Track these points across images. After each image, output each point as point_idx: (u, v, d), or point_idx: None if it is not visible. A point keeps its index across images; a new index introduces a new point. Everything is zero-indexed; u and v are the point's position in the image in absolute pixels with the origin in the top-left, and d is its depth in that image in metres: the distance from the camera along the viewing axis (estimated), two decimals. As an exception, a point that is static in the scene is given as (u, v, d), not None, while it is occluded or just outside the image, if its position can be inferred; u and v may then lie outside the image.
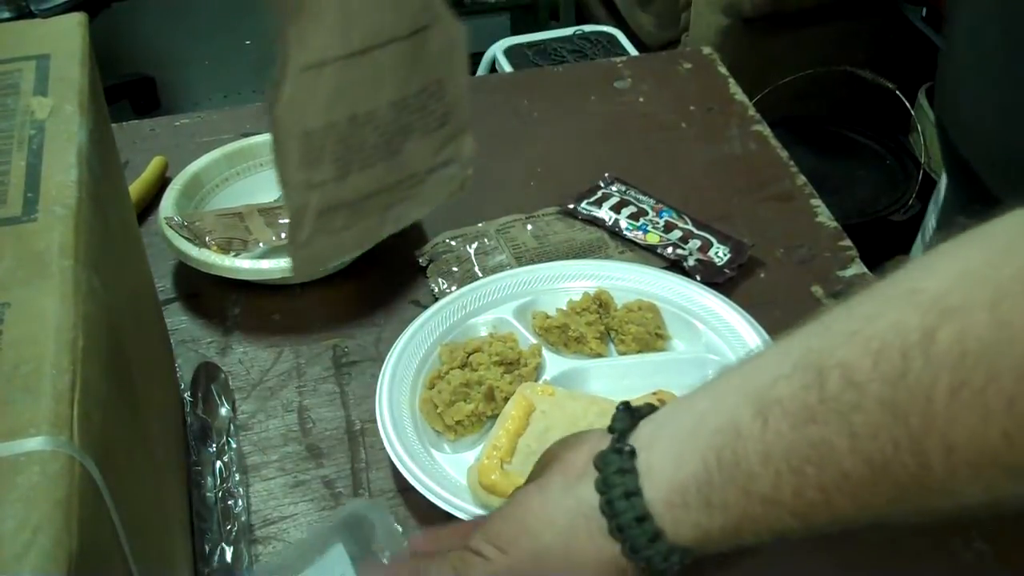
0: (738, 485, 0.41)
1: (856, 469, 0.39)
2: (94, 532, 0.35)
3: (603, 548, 0.44)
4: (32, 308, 0.40)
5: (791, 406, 0.40)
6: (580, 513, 0.45)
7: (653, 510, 0.43)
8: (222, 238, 0.85)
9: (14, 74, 0.54)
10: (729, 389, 0.43)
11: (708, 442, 0.42)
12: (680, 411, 0.45)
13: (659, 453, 0.44)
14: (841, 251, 0.89)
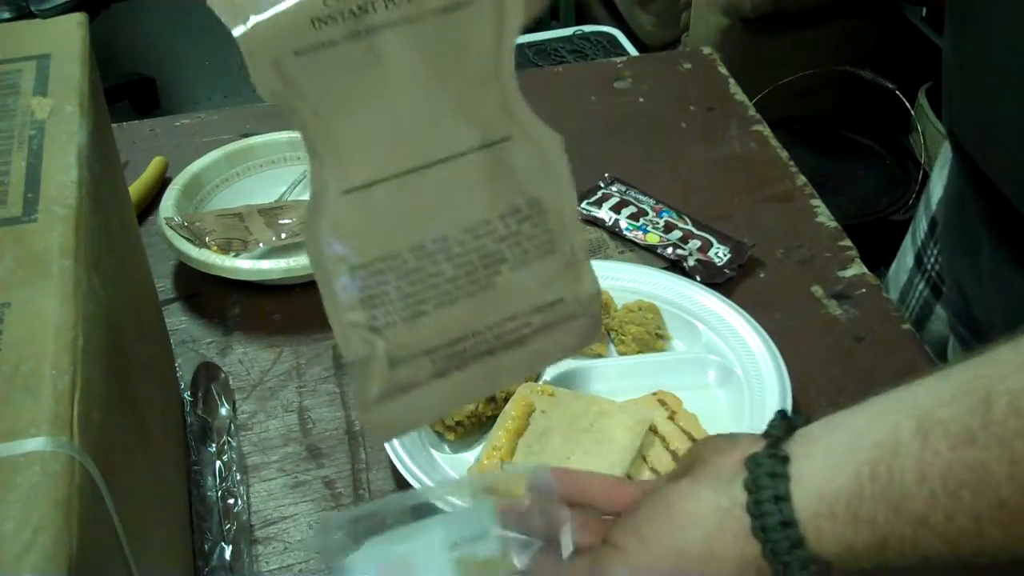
0: (889, 502, 0.41)
1: (1012, 497, 0.38)
2: (94, 532, 0.35)
3: (745, 549, 0.44)
4: (32, 308, 0.40)
5: (953, 427, 0.40)
6: (728, 512, 0.45)
7: (799, 517, 0.43)
8: (222, 238, 0.85)
9: (14, 74, 0.54)
10: (889, 408, 0.43)
11: (864, 456, 0.42)
12: (836, 425, 0.45)
13: (812, 463, 0.44)
14: (841, 251, 0.89)
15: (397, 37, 0.43)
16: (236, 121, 1.07)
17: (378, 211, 0.47)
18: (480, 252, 0.49)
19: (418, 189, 0.47)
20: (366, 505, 0.58)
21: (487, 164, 0.48)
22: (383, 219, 0.48)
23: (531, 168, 0.49)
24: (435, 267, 0.48)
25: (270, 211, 0.90)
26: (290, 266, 0.82)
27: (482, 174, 0.48)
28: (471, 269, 0.49)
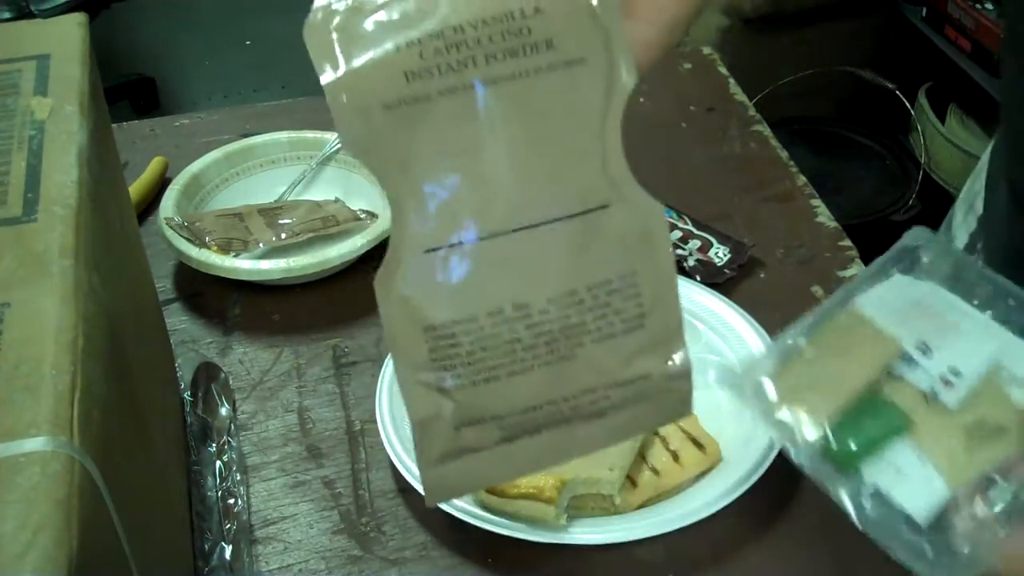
0: None
1: None
2: (94, 532, 0.35)
3: None
4: (32, 308, 0.40)
5: None
6: None
7: None
8: (222, 238, 0.85)
9: (14, 74, 0.54)
10: None
11: None
12: None
13: None
14: (841, 251, 0.89)
15: (498, 94, 0.41)
16: (236, 121, 1.07)
17: (458, 273, 0.44)
18: (563, 323, 0.46)
19: (504, 254, 0.44)
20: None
21: (581, 232, 0.45)
22: (463, 281, 0.44)
23: (628, 238, 0.46)
24: (512, 334, 0.45)
25: (270, 211, 0.90)
26: (290, 266, 0.82)
27: (575, 242, 0.45)
28: (551, 339, 0.46)
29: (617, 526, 0.64)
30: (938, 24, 1.93)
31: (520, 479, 0.64)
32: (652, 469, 0.67)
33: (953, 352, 0.52)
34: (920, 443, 0.49)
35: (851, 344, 0.53)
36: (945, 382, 0.51)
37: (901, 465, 0.49)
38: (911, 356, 0.52)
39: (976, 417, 0.50)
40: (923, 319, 0.53)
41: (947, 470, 0.48)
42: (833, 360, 0.53)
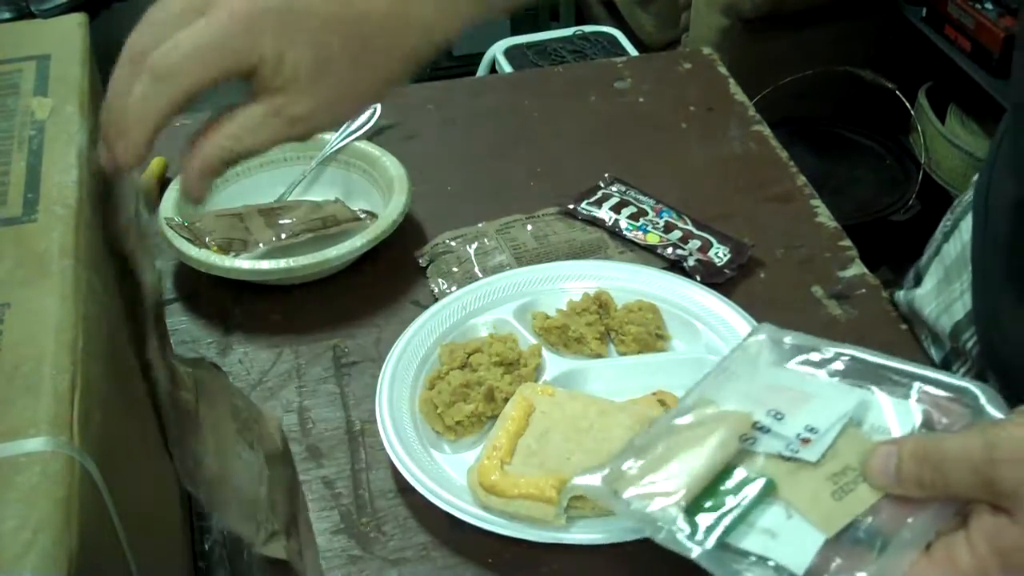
0: None
1: None
2: (94, 532, 0.35)
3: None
4: (32, 308, 0.40)
5: None
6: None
7: None
8: (222, 238, 0.85)
9: (14, 74, 0.54)
10: None
11: None
12: None
13: None
14: (841, 251, 0.89)
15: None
16: (236, 121, 1.06)
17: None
18: None
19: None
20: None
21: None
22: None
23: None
24: None
25: (270, 211, 0.90)
26: (290, 266, 0.82)
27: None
28: None
29: (617, 526, 0.64)
30: (938, 24, 1.93)
31: (520, 479, 0.64)
32: (652, 469, 0.67)
33: (807, 414, 0.53)
34: (787, 502, 0.50)
35: (702, 431, 0.54)
36: (803, 440, 0.52)
37: (770, 526, 0.50)
38: (764, 425, 0.52)
39: (840, 466, 0.50)
40: (775, 395, 0.54)
41: (818, 520, 0.49)
42: (688, 448, 0.53)
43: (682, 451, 0.53)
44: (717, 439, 0.52)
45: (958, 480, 0.45)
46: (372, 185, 0.94)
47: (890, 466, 0.48)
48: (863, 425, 0.52)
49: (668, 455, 0.54)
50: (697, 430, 0.54)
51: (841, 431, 0.51)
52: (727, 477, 0.51)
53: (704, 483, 0.51)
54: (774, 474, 0.51)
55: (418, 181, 0.92)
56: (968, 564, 0.44)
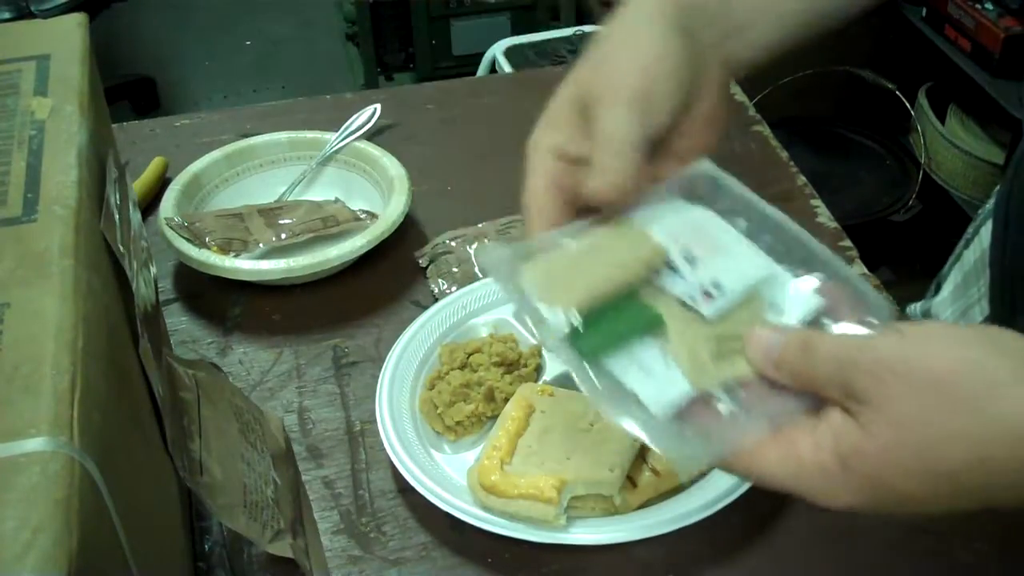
0: None
1: None
2: (94, 532, 0.35)
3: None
4: (32, 308, 0.40)
5: None
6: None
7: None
8: (222, 238, 0.85)
9: (14, 74, 0.54)
10: None
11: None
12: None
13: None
14: (841, 251, 0.89)
15: None
16: (236, 121, 1.07)
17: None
18: None
19: None
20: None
21: None
22: None
23: None
24: None
25: (270, 211, 0.90)
26: (290, 266, 0.82)
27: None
28: None
29: (617, 526, 0.64)
30: (938, 24, 1.93)
31: (520, 479, 0.64)
32: (652, 469, 0.67)
33: (718, 268, 0.52)
34: (669, 345, 0.50)
35: (617, 246, 0.53)
36: (705, 293, 0.51)
37: (646, 362, 0.49)
38: (676, 265, 0.52)
39: (730, 330, 0.50)
40: (695, 237, 0.53)
41: (690, 373, 0.49)
42: (596, 257, 0.52)
43: (592, 259, 0.53)
44: (629, 261, 0.52)
45: (823, 376, 0.45)
46: (372, 185, 0.94)
47: (773, 351, 0.48)
48: (764, 299, 0.52)
49: (579, 259, 0.53)
50: (615, 243, 0.53)
51: (743, 297, 0.52)
52: (626, 301, 0.51)
53: (601, 298, 0.51)
54: (668, 316, 0.51)
55: (418, 181, 0.92)
56: (808, 456, 0.45)
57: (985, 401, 0.41)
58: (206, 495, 0.52)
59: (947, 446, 0.42)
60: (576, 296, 0.50)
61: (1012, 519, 0.67)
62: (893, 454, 0.43)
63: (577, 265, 0.52)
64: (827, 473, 0.45)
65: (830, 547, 0.66)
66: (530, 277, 0.52)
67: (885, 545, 0.66)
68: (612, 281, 0.51)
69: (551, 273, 0.52)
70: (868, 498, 0.45)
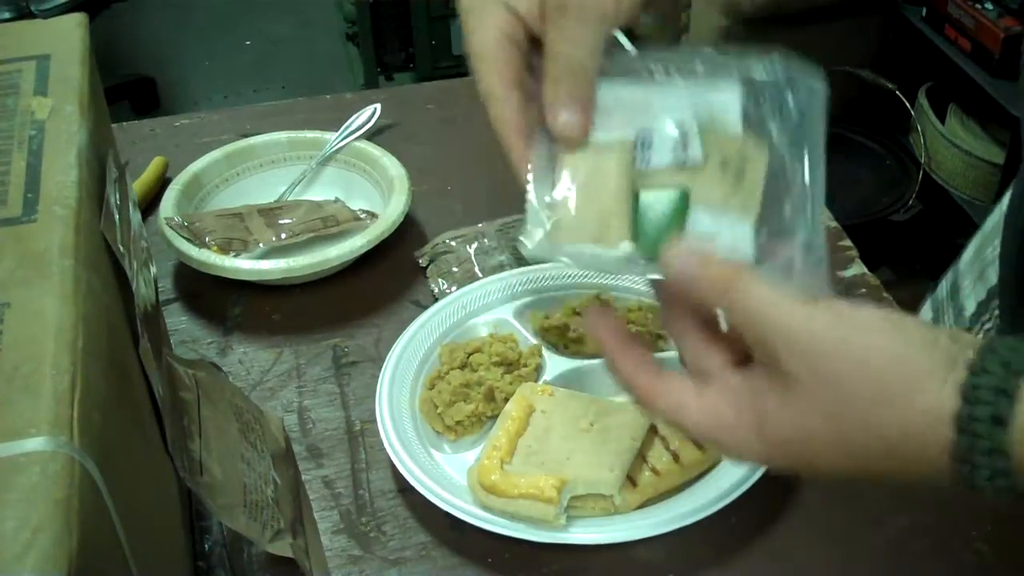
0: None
1: None
2: (94, 532, 0.35)
3: (938, 431, 0.41)
4: (32, 308, 0.40)
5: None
6: (939, 391, 0.41)
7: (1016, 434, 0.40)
8: (222, 238, 0.85)
9: (14, 74, 0.54)
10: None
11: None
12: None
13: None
14: (841, 251, 0.89)
15: None
16: (236, 121, 1.07)
17: None
18: None
19: None
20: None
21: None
22: None
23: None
24: None
25: (270, 211, 0.90)
26: (290, 266, 0.82)
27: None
28: None
29: (617, 526, 0.64)
30: (938, 24, 1.93)
31: (520, 479, 0.64)
32: (652, 469, 0.67)
33: (669, 118, 0.52)
34: (703, 203, 0.51)
35: (594, 174, 0.52)
36: (682, 145, 0.52)
37: (706, 231, 0.50)
38: (644, 141, 0.52)
39: (718, 158, 0.51)
40: (627, 114, 0.53)
41: (737, 210, 0.50)
42: (594, 185, 0.52)
43: (594, 190, 0.52)
44: (617, 169, 0.52)
45: (750, 336, 0.46)
46: (372, 185, 0.94)
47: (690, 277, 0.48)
48: (710, 115, 0.52)
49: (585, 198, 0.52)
50: (596, 163, 0.52)
51: (698, 127, 0.52)
52: (642, 202, 0.51)
53: (627, 215, 0.51)
54: (678, 184, 0.51)
55: (418, 181, 0.92)
56: (727, 413, 0.46)
57: (903, 397, 0.42)
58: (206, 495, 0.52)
59: (863, 435, 0.43)
60: (616, 228, 0.51)
61: (1012, 519, 0.67)
62: (809, 432, 0.44)
63: (589, 204, 0.52)
64: (742, 431, 0.46)
65: (830, 547, 0.66)
66: (568, 237, 0.52)
67: (885, 545, 0.66)
68: (623, 194, 0.51)
69: (581, 224, 0.52)
70: (777, 459, 0.46)
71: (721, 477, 0.67)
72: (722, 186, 0.51)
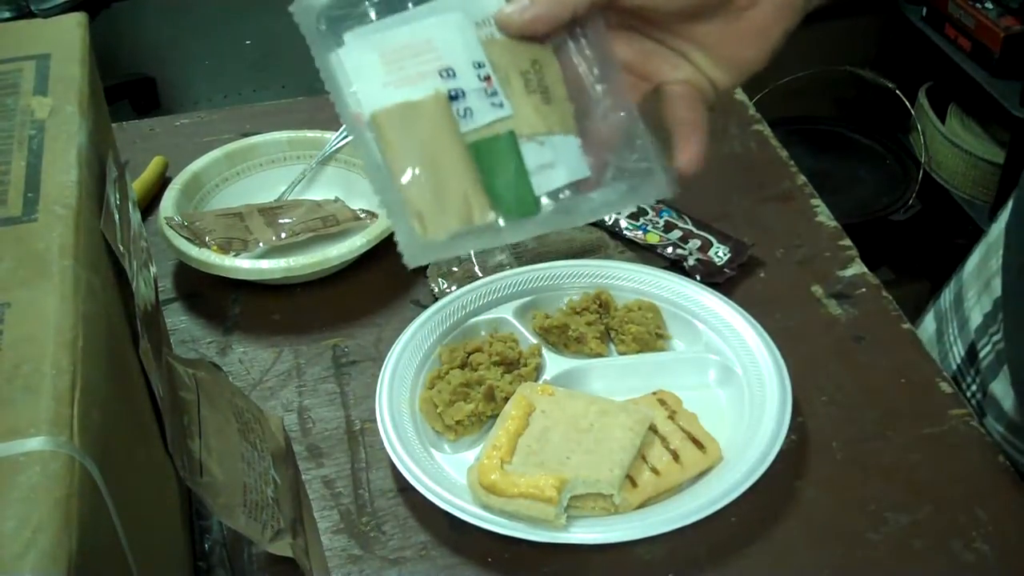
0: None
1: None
2: (94, 532, 0.35)
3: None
4: (32, 308, 0.40)
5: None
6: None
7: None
8: (222, 238, 0.85)
9: (14, 74, 0.54)
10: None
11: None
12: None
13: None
14: (841, 251, 0.89)
15: None
16: (236, 121, 1.07)
17: None
18: None
19: None
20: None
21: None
22: None
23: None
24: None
25: (270, 211, 0.90)
26: (290, 266, 0.82)
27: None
28: None
29: (617, 526, 0.64)
30: (938, 24, 1.93)
31: (520, 478, 0.64)
32: (652, 469, 0.67)
33: (448, 54, 0.51)
34: (527, 134, 0.51)
35: (428, 146, 0.50)
36: (484, 79, 0.51)
37: (542, 162, 0.51)
38: (453, 91, 0.50)
39: (518, 71, 0.51)
40: (408, 62, 0.51)
41: (559, 125, 0.51)
42: (435, 170, 0.50)
43: (429, 166, 0.50)
44: (447, 136, 0.50)
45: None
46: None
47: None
48: (478, 28, 0.52)
49: (424, 173, 0.50)
50: (424, 132, 0.51)
51: (476, 42, 0.51)
52: (480, 165, 0.51)
53: (479, 182, 0.50)
54: (502, 127, 0.51)
55: (418, 181, 0.92)
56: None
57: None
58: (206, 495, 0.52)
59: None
60: (477, 201, 0.50)
61: (1012, 519, 0.67)
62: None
63: (440, 184, 0.50)
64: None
65: (830, 547, 0.66)
66: (436, 226, 0.50)
67: (885, 545, 0.66)
68: (465, 161, 0.50)
69: (442, 207, 0.50)
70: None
71: (721, 477, 0.67)
72: (536, 109, 0.51)
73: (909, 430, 0.73)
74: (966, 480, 0.70)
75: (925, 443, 0.72)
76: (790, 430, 0.69)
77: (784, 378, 0.72)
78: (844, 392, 0.76)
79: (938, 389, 0.76)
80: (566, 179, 0.52)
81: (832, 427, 0.73)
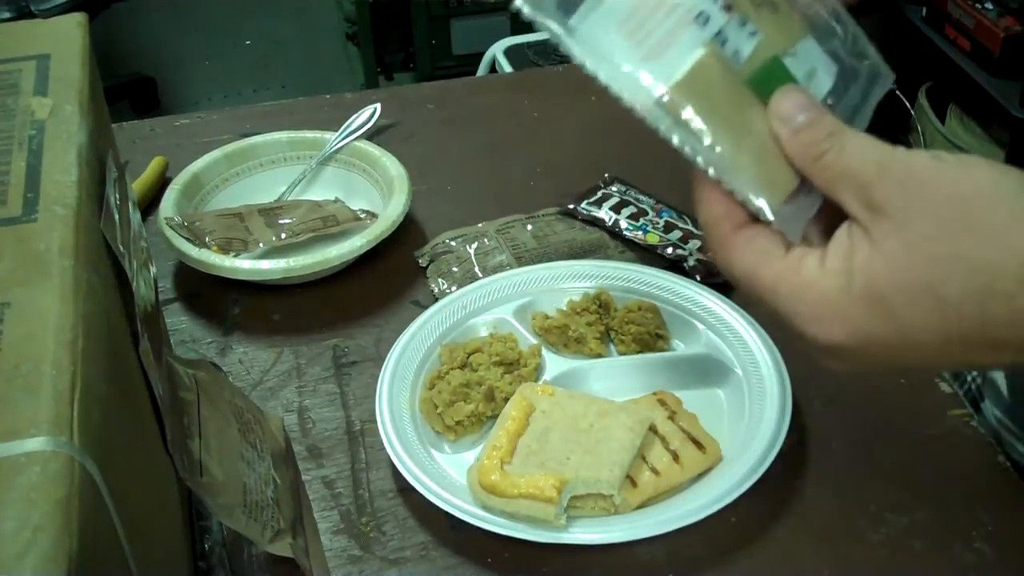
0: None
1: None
2: (94, 532, 0.35)
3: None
4: (32, 308, 0.40)
5: None
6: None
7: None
8: (222, 238, 0.85)
9: (14, 74, 0.54)
10: None
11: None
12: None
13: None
14: (841, 251, 0.89)
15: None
16: (236, 121, 1.07)
17: None
18: None
19: None
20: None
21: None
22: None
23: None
24: None
25: (270, 211, 0.90)
26: (290, 266, 0.82)
27: None
28: None
29: (617, 526, 0.64)
30: (938, 24, 1.93)
31: (520, 479, 0.64)
32: (652, 469, 0.67)
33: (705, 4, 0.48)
34: (783, 49, 0.49)
35: (720, 117, 0.48)
36: (724, 8, 0.48)
37: (805, 71, 0.50)
38: (721, 41, 0.48)
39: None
40: (650, 22, 0.47)
41: (800, 33, 0.51)
42: (748, 138, 0.48)
43: (741, 127, 0.48)
44: (737, 89, 0.48)
45: (845, 169, 0.44)
46: (372, 185, 0.94)
47: (796, 122, 0.46)
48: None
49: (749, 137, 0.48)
50: (728, 104, 0.49)
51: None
52: (757, 94, 0.48)
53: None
54: (763, 55, 0.49)
55: (418, 181, 0.92)
56: (811, 275, 0.44)
57: (1004, 230, 0.40)
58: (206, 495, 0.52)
59: (955, 267, 0.40)
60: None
61: (1012, 519, 0.67)
62: (900, 273, 0.41)
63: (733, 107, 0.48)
64: (826, 297, 0.43)
65: (830, 547, 0.66)
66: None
67: (885, 545, 0.66)
68: (744, 92, 0.48)
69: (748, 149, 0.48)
70: (861, 330, 0.43)
71: (721, 477, 0.67)
72: (776, 24, 0.49)
73: (909, 430, 0.73)
74: (966, 480, 0.70)
75: (925, 443, 0.72)
76: (790, 430, 0.69)
77: (784, 378, 0.72)
78: (844, 392, 0.76)
79: (937, 389, 0.76)
80: (829, 82, 0.50)
81: (832, 427, 0.73)
